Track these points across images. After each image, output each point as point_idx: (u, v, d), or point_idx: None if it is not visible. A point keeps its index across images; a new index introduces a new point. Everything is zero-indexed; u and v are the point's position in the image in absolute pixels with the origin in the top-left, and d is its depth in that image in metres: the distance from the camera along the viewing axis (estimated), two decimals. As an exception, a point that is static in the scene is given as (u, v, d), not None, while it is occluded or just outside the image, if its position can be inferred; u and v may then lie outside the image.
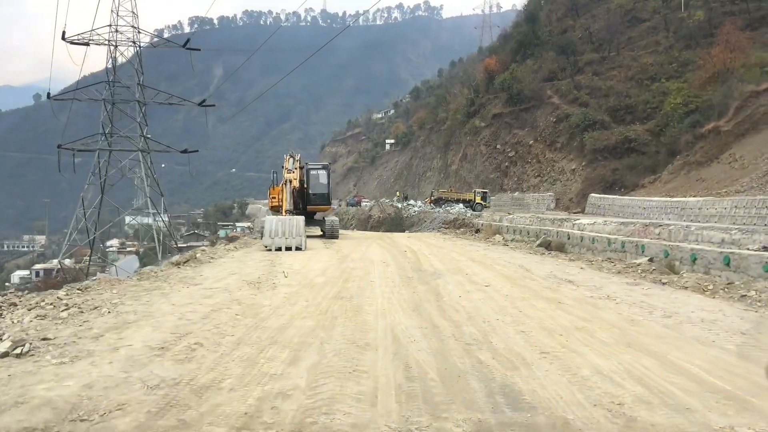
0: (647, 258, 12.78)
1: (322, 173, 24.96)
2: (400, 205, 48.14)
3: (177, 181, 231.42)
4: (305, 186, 24.06)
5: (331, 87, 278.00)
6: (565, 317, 7.83)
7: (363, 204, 67.93)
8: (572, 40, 53.77)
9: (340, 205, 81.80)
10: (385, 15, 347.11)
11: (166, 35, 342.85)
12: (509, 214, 24.59)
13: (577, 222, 17.76)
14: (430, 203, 51.24)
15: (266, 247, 18.40)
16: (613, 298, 9.33)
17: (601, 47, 53.06)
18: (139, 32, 37.47)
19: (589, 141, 41.84)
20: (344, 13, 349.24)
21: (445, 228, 28.96)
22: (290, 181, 21.22)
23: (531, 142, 49.34)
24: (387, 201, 56.46)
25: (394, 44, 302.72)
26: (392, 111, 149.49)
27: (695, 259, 12.36)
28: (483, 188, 48.50)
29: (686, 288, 10.27)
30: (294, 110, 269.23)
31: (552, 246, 17.30)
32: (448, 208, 42.28)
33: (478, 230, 25.20)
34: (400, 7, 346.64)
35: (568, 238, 17.41)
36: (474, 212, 40.37)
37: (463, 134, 62.49)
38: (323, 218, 25.27)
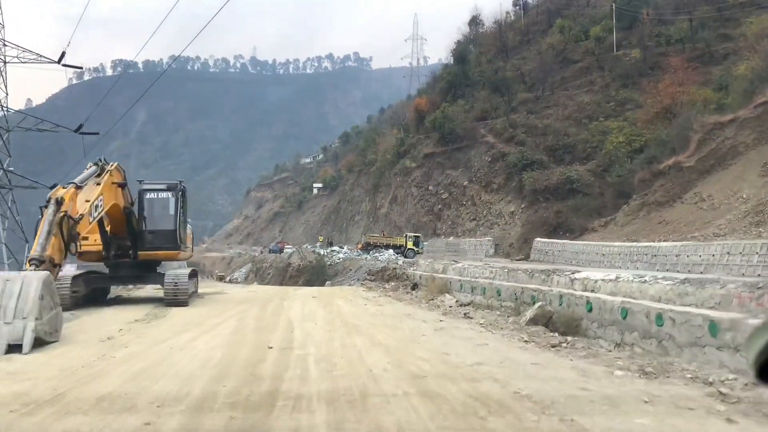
0: None
1: (167, 198, 16.38)
2: (322, 252, 42.81)
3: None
4: (137, 218, 15.84)
5: (260, 133, 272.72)
6: None
7: (286, 251, 62.02)
8: (505, 77, 51.47)
9: (261, 252, 75.32)
10: (315, 64, 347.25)
11: (86, 77, 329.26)
12: (455, 262, 18.17)
13: (581, 277, 10.27)
14: (361, 249, 45.68)
15: None
16: None
17: (534, 87, 51.13)
18: (4, 44, 31.05)
19: (528, 181, 38.53)
20: (274, 60, 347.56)
21: (371, 280, 22.90)
22: (58, 202, 10.92)
23: (465, 183, 45.70)
24: (309, 247, 50.92)
25: (324, 92, 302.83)
26: (321, 155, 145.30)
27: None
28: (415, 232, 43.93)
29: None
30: (221, 155, 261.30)
31: (556, 323, 9.69)
32: (377, 254, 37.40)
33: (416, 286, 18.06)
34: (330, 57, 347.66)
35: (590, 310, 9.46)
36: (406, 259, 35.68)
37: (392, 175, 58.46)
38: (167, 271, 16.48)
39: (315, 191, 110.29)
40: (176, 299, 14.55)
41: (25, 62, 31.19)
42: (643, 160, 28.88)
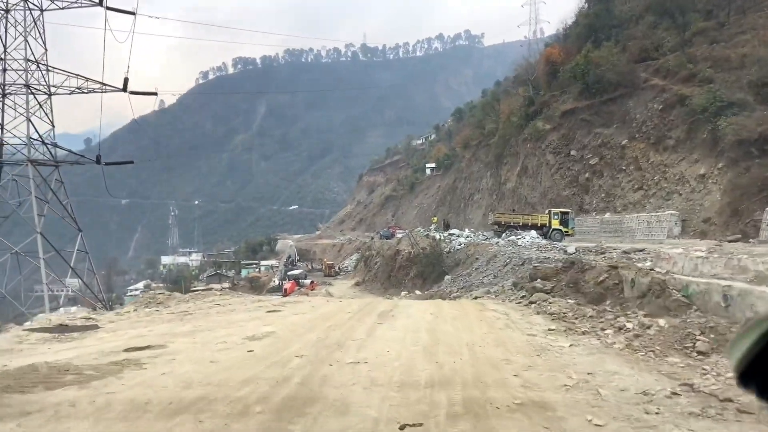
0: None
1: None
2: (438, 236, 34.17)
3: (221, 219, 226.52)
4: None
5: (372, 119, 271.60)
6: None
7: (398, 236, 54.27)
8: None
9: (372, 238, 68.21)
10: (425, 46, 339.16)
11: (210, 77, 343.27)
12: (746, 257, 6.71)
13: None
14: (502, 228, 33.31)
15: None
16: None
17: (712, 14, 38.57)
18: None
19: (728, 130, 27.05)
20: (384, 46, 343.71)
21: (546, 290, 10.76)
22: None
23: (624, 141, 34.72)
24: (421, 231, 42.43)
25: (435, 74, 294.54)
26: (433, 135, 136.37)
27: None
28: (560, 208, 33.57)
29: None
30: (336, 144, 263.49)
31: None
32: (513, 237, 27.97)
33: None
34: (440, 37, 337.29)
35: None
36: (552, 241, 26.06)
37: (521, 142, 48.29)
38: None
39: (428, 172, 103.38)
40: None
41: (63, 8, 25.87)
42: None
